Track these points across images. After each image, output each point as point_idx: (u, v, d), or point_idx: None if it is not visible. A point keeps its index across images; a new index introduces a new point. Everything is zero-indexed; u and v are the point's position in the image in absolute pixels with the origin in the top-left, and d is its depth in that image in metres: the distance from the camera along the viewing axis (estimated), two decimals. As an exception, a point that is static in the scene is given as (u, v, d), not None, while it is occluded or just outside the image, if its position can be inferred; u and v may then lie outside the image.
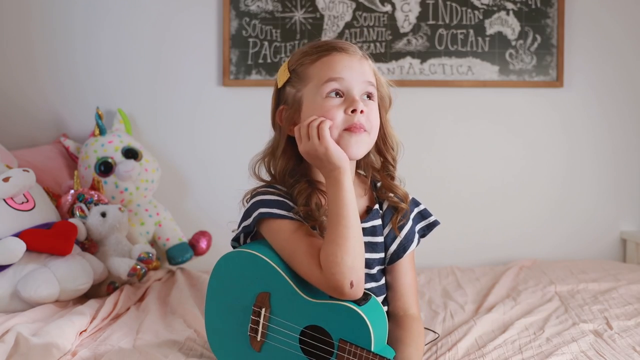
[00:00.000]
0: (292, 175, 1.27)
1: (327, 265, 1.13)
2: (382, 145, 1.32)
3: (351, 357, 1.11)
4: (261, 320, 1.21)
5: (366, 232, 1.28)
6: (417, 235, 1.34)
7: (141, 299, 1.95)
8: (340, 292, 1.13)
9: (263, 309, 1.21)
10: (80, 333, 1.56)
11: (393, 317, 1.33)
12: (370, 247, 1.28)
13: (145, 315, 1.75)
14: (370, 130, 1.23)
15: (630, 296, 1.91)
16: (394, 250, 1.31)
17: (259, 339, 1.22)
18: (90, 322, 1.64)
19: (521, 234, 2.64)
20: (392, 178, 1.35)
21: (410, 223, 1.33)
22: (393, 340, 1.28)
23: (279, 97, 1.30)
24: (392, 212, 1.33)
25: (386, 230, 1.31)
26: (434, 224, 1.37)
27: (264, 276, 1.21)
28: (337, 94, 1.22)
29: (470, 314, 1.80)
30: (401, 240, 1.31)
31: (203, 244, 2.43)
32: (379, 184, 1.36)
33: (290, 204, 1.24)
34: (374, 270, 1.30)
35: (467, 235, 2.63)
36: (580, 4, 2.61)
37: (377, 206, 1.32)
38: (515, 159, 2.65)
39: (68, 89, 2.62)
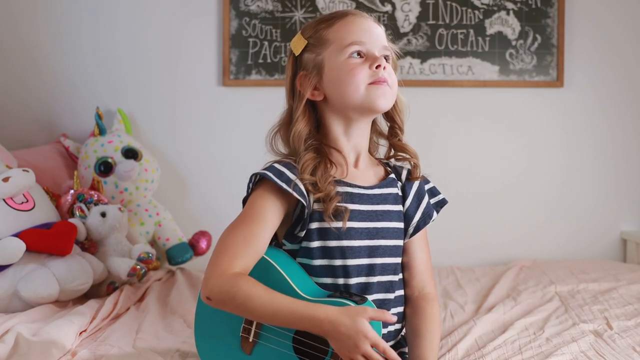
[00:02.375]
0: (307, 140, 1.27)
1: (213, 268, 1.16)
2: (391, 107, 1.33)
3: None
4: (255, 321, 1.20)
5: (381, 198, 1.29)
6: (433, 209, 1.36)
7: (141, 299, 1.96)
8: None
9: None
10: (80, 333, 1.56)
11: (408, 300, 1.31)
12: (385, 215, 1.28)
13: (145, 315, 1.75)
14: (392, 85, 1.27)
15: (630, 296, 1.91)
16: (419, 219, 1.32)
17: (251, 340, 1.20)
18: (90, 322, 1.64)
19: (521, 234, 2.64)
20: (401, 141, 1.36)
21: (427, 196, 1.35)
22: (409, 331, 1.27)
23: (296, 65, 1.32)
24: (409, 179, 1.34)
25: (409, 201, 1.32)
26: (443, 201, 1.38)
27: (262, 274, 1.18)
28: (358, 54, 1.26)
29: (470, 314, 1.79)
30: (423, 210, 1.33)
31: (203, 244, 2.43)
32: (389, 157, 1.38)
33: (291, 176, 1.22)
34: (392, 242, 1.28)
35: (467, 235, 2.63)
36: (580, 4, 2.60)
37: (392, 175, 1.33)
38: (516, 159, 2.65)
39: (68, 88, 2.62)
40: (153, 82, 2.62)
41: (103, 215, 2.04)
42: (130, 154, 2.42)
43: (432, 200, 1.37)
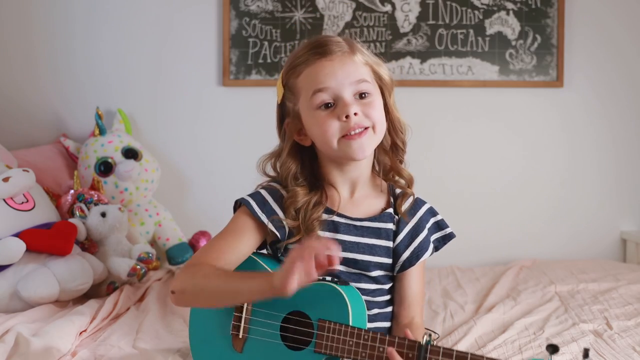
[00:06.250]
0: (297, 178, 1.28)
1: (183, 268, 1.23)
2: (392, 128, 1.30)
3: (330, 334, 1.12)
4: (243, 315, 1.22)
5: (369, 232, 1.27)
6: (431, 245, 1.31)
7: (141, 299, 1.96)
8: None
9: (245, 305, 1.22)
10: (80, 333, 1.56)
11: (398, 325, 1.30)
12: (367, 248, 1.26)
13: (145, 315, 1.75)
14: (373, 125, 1.22)
15: (630, 296, 1.91)
16: (407, 258, 1.28)
17: (240, 336, 1.22)
18: (90, 322, 1.64)
19: (521, 234, 2.64)
20: (401, 161, 1.33)
21: (425, 232, 1.30)
22: None
23: (282, 111, 1.31)
24: (409, 218, 1.30)
25: (400, 237, 1.28)
26: (450, 236, 1.33)
27: (245, 267, 1.24)
28: (327, 105, 1.21)
29: (470, 314, 1.80)
30: (414, 249, 1.29)
31: (203, 243, 2.43)
32: (390, 174, 1.34)
33: (274, 206, 1.25)
34: (374, 274, 1.27)
35: (467, 235, 2.59)
36: (580, 4, 2.60)
37: (390, 210, 1.30)
38: (516, 159, 2.65)
39: (68, 89, 2.62)
40: (153, 82, 2.62)
41: (103, 215, 2.04)
42: (130, 154, 2.42)
43: (437, 235, 1.33)
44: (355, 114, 1.19)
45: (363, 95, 1.22)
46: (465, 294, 2.02)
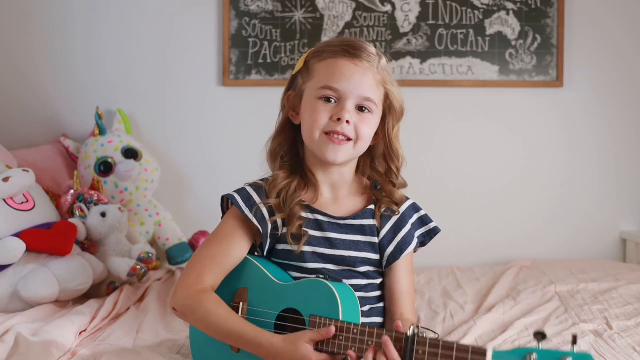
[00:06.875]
0: (283, 157, 1.32)
1: (182, 281, 1.26)
2: (388, 156, 1.34)
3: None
4: (239, 315, 1.24)
5: (353, 229, 1.30)
6: (415, 240, 1.34)
7: (141, 299, 1.96)
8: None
9: (241, 304, 1.25)
10: (80, 333, 1.56)
11: (389, 321, 1.33)
12: (353, 245, 1.29)
13: (145, 315, 1.75)
14: (357, 140, 1.27)
15: (630, 296, 1.91)
16: (391, 252, 1.31)
17: None
18: (90, 322, 1.64)
19: (521, 234, 2.64)
20: (394, 185, 1.35)
21: (408, 227, 1.33)
22: None
23: (292, 82, 1.35)
24: (390, 215, 1.33)
25: (383, 232, 1.31)
26: (435, 230, 1.36)
27: (241, 272, 1.27)
28: (328, 99, 1.26)
29: (470, 314, 1.80)
30: (398, 243, 1.32)
31: (203, 243, 2.43)
32: (379, 187, 1.37)
33: (256, 199, 1.29)
34: (362, 269, 1.30)
35: (467, 235, 2.63)
36: (580, 4, 2.60)
37: (372, 206, 1.33)
38: (516, 159, 2.65)
39: (68, 89, 2.62)
40: (153, 82, 2.62)
41: (103, 215, 2.05)
42: (130, 154, 2.42)
43: (422, 230, 1.35)
44: (347, 121, 1.24)
45: (363, 109, 1.27)
46: (465, 293, 2.02)
